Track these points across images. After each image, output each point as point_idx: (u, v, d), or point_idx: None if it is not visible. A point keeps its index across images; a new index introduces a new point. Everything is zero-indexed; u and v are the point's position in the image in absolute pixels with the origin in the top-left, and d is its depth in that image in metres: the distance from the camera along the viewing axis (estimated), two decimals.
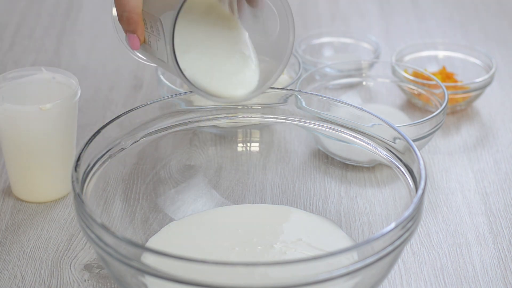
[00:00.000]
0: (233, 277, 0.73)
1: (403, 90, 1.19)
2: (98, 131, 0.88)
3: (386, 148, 0.90)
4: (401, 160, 0.88)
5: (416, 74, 1.17)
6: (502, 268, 0.92)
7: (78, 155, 0.84)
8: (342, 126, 0.94)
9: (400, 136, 0.88)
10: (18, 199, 1.01)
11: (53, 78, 1.00)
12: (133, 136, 0.92)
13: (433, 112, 1.08)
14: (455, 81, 1.22)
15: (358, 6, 1.48)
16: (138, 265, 0.74)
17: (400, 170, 0.88)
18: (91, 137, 0.87)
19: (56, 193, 1.01)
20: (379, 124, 0.91)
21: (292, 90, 0.96)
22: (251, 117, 0.97)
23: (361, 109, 0.93)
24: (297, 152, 1.06)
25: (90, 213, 0.77)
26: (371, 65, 1.22)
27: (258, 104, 0.97)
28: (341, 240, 0.92)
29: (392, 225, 0.76)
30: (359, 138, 0.93)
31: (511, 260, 0.93)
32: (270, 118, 0.97)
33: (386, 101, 1.20)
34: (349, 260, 0.74)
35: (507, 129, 1.16)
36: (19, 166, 0.98)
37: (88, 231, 0.78)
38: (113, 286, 0.88)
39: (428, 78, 1.15)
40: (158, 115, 0.94)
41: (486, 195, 1.03)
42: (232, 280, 0.73)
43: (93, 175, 0.87)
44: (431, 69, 1.26)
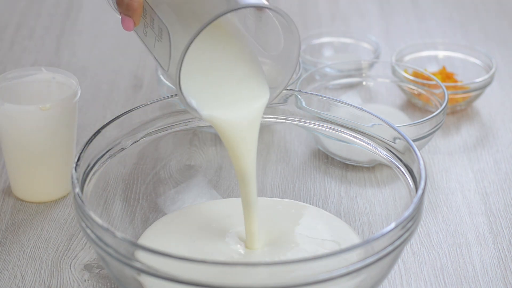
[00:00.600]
0: (233, 277, 0.73)
1: (403, 90, 1.19)
2: (98, 131, 0.88)
3: (386, 148, 0.90)
4: (401, 160, 0.88)
5: (416, 74, 1.17)
6: (502, 268, 0.92)
7: (78, 155, 0.84)
8: (342, 126, 0.94)
9: (400, 136, 0.88)
10: (18, 199, 1.01)
11: (53, 78, 1.00)
12: (133, 136, 0.93)
13: (433, 112, 1.08)
14: (455, 81, 1.22)
15: (358, 6, 1.48)
16: (138, 265, 0.74)
17: (400, 170, 0.88)
18: (91, 137, 0.87)
19: (56, 193, 1.01)
20: (379, 124, 0.91)
21: (292, 90, 0.96)
22: None
23: (361, 109, 0.93)
24: (297, 152, 1.06)
25: (90, 213, 0.77)
26: (371, 65, 1.22)
27: None
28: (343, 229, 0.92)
29: (392, 225, 0.76)
30: (359, 138, 0.93)
31: (511, 260, 0.93)
32: (270, 118, 0.97)
33: (386, 101, 1.20)
34: (349, 260, 0.74)
35: (507, 129, 1.16)
36: (19, 166, 0.98)
37: (88, 231, 0.78)
38: (113, 286, 0.88)
39: (428, 78, 1.15)
40: (158, 115, 0.94)
41: (486, 195, 1.03)
42: (232, 280, 0.73)
43: (93, 175, 0.87)
44: (431, 69, 1.26)
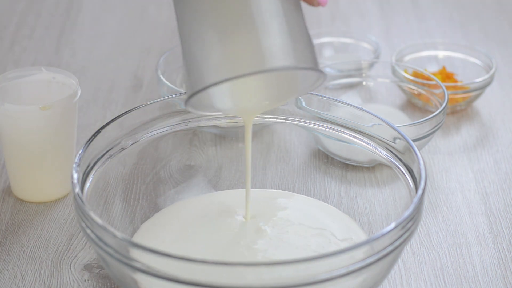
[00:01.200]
0: (233, 277, 0.73)
1: (403, 90, 1.19)
2: (98, 131, 0.88)
3: (386, 148, 0.90)
4: (401, 160, 0.88)
5: (416, 74, 1.17)
6: (502, 268, 0.92)
7: (78, 155, 0.84)
8: (342, 126, 0.94)
9: (400, 136, 0.88)
10: (18, 199, 1.01)
11: (53, 78, 1.00)
12: (133, 136, 0.93)
13: (433, 112, 1.08)
14: (455, 81, 1.22)
15: (358, 6, 1.48)
16: (138, 265, 0.74)
17: (400, 170, 0.88)
18: (91, 137, 0.87)
19: (56, 193, 1.01)
20: (379, 124, 0.91)
21: None
22: None
23: (361, 109, 0.93)
24: (297, 152, 1.06)
25: (90, 213, 0.77)
26: (371, 65, 1.22)
27: None
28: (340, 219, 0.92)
29: (392, 225, 0.76)
30: (359, 138, 0.93)
31: (511, 260, 0.93)
32: (270, 118, 0.97)
33: (386, 101, 1.20)
34: (349, 260, 0.74)
35: (507, 129, 1.16)
36: (19, 166, 0.98)
37: (88, 231, 0.78)
38: (113, 286, 0.88)
39: (428, 78, 1.15)
40: (158, 115, 0.94)
41: (486, 195, 1.03)
42: (232, 280, 0.73)
43: (93, 175, 0.87)
44: (431, 69, 1.26)
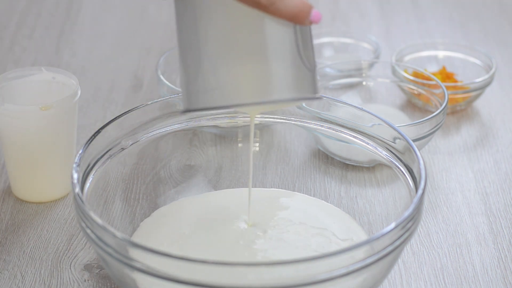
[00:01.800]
0: (233, 277, 0.73)
1: (403, 90, 1.19)
2: (98, 131, 0.88)
3: (386, 148, 0.90)
4: (401, 160, 0.88)
5: (416, 74, 1.17)
6: (502, 268, 0.92)
7: (78, 155, 0.84)
8: (342, 126, 0.95)
9: (400, 136, 0.88)
10: (18, 199, 1.01)
11: (53, 78, 1.00)
12: (133, 136, 0.93)
13: (433, 112, 1.08)
14: (455, 81, 1.22)
15: (358, 6, 1.48)
16: (138, 265, 0.74)
17: (400, 170, 0.88)
18: (91, 137, 0.87)
19: (56, 193, 1.01)
20: (379, 124, 0.91)
21: None
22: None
23: (361, 109, 0.93)
24: (297, 152, 1.06)
25: (90, 213, 0.77)
26: (371, 65, 1.22)
27: None
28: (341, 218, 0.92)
29: (392, 225, 0.76)
30: (359, 138, 0.93)
31: (511, 260, 0.93)
32: (270, 118, 0.97)
33: (386, 101, 1.20)
34: (349, 260, 0.74)
35: (507, 129, 1.16)
36: (19, 166, 0.98)
37: (88, 231, 0.78)
38: (113, 286, 0.88)
39: (428, 78, 1.15)
40: (158, 115, 0.94)
41: (486, 195, 1.03)
42: (232, 280, 0.73)
43: (93, 175, 0.87)
44: (431, 69, 1.26)
